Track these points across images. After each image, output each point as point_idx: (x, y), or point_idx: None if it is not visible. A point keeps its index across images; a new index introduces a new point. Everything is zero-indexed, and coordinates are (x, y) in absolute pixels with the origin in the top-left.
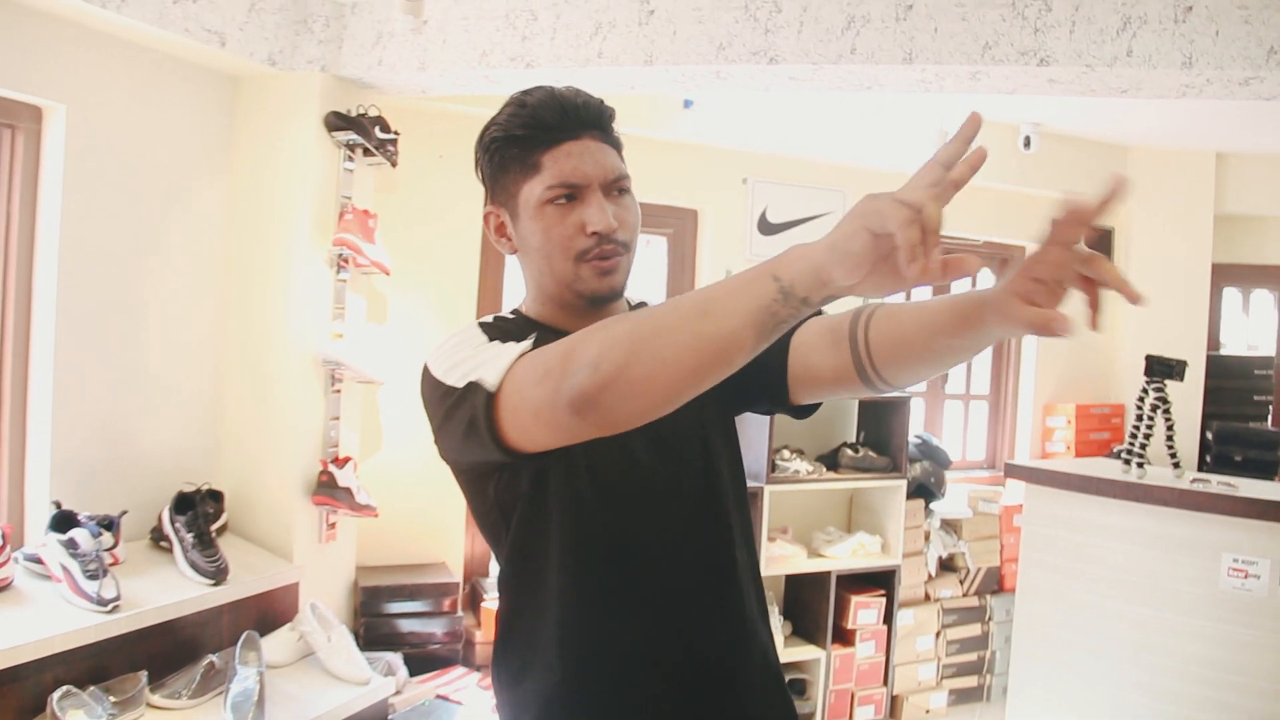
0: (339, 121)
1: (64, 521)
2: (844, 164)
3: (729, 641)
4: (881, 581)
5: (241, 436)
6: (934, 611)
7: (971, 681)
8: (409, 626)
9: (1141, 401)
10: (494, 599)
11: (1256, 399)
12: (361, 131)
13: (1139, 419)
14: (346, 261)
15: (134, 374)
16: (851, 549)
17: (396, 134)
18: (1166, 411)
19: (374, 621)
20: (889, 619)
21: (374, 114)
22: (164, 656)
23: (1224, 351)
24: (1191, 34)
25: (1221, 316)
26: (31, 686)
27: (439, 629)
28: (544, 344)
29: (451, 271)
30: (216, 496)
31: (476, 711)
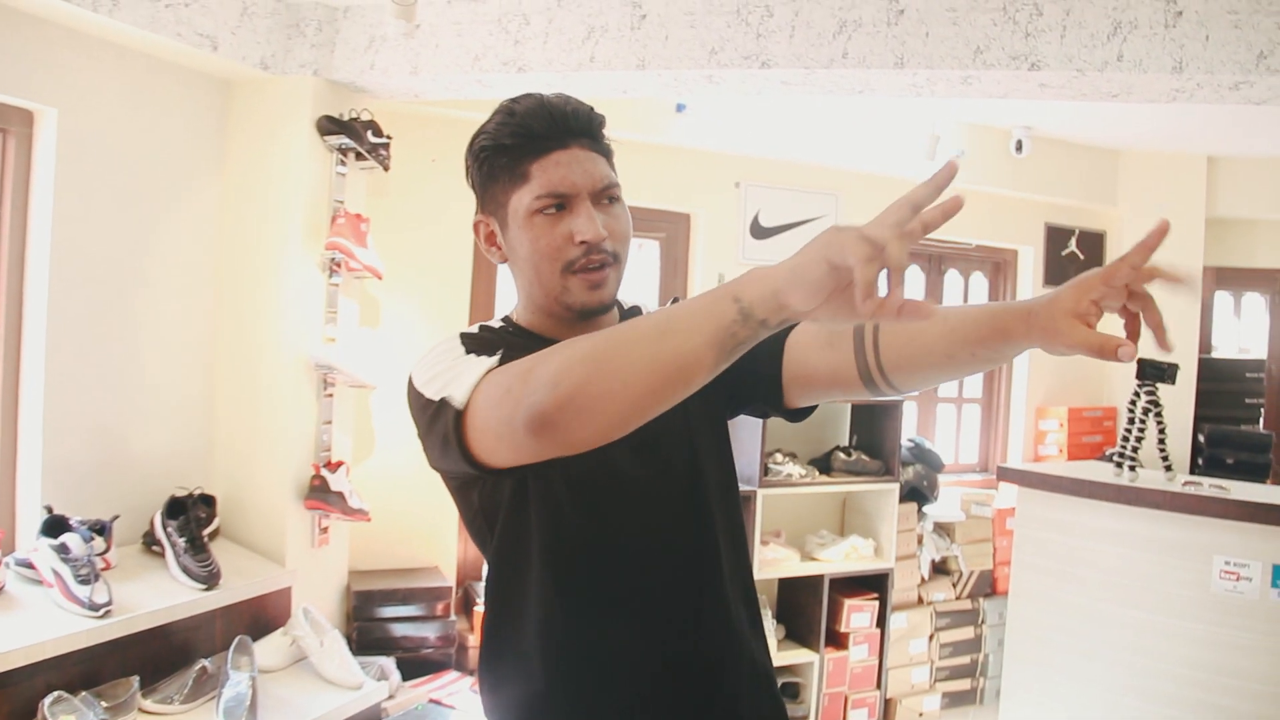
0: (331, 126)
1: (55, 526)
2: (836, 168)
3: (714, 646)
4: (874, 585)
5: (234, 441)
6: (927, 615)
7: (964, 685)
8: (402, 631)
9: (1133, 405)
10: None
11: (1248, 402)
12: (354, 136)
13: (1131, 422)
14: (339, 266)
15: (126, 378)
16: (844, 552)
17: (389, 138)
18: (1158, 414)
19: (367, 626)
20: (882, 622)
21: (366, 118)
22: (156, 661)
23: (1215, 354)
24: (1181, 39)
25: (1213, 320)
26: (23, 692)
27: (432, 633)
28: (516, 358)
29: (444, 276)
30: (209, 501)
31: (469, 716)
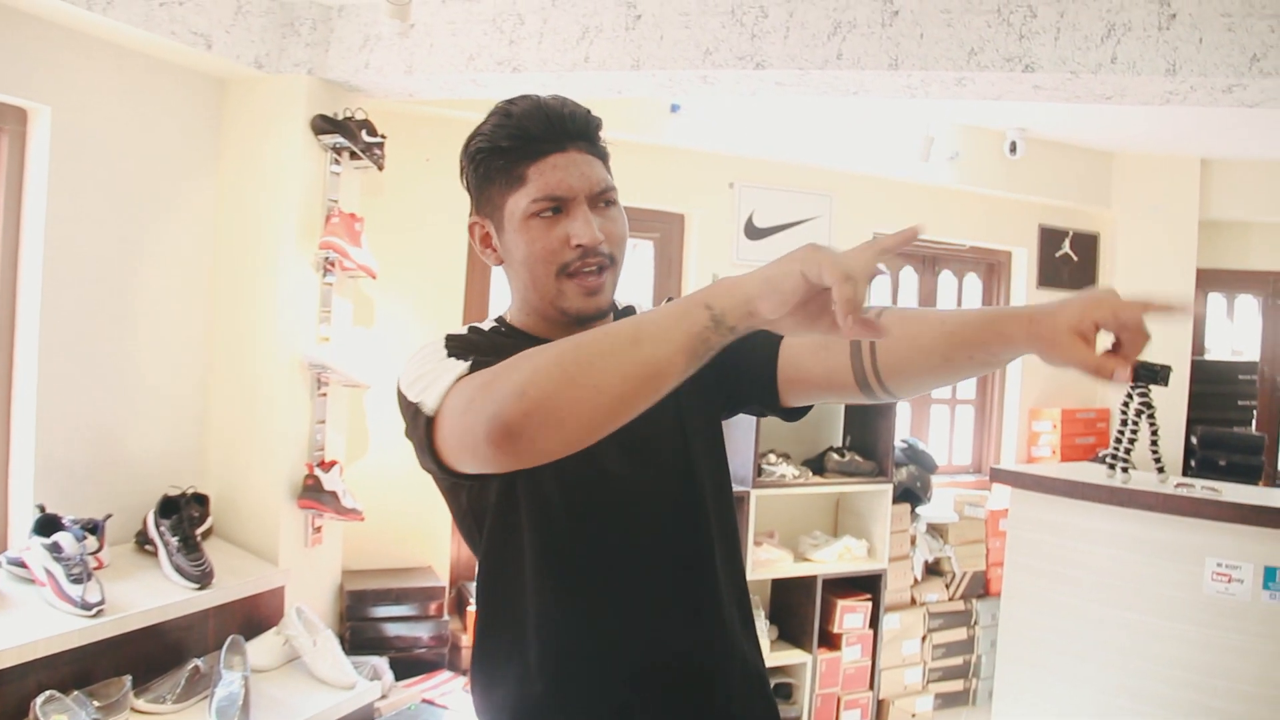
0: (325, 125)
1: (48, 525)
2: (830, 168)
3: (706, 647)
4: (867, 585)
5: (227, 440)
6: (920, 615)
7: (957, 685)
8: (395, 630)
9: (1126, 406)
10: None
11: (1240, 404)
12: (348, 135)
13: (1124, 424)
14: (333, 265)
15: (119, 377)
16: (838, 553)
17: (383, 137)
18: (1151, 416)
19: (360, 625)
20: (875, 623)
21: (361, 117)
22: (148, 661)
23: (1208, 356)
24: (1175, 41)
25: (1206, 322)
26: (14, 691)
27: (425, 633)
28: (496, 361)
29: (438, 275)
30: (202, 500)
31: (462, 716)
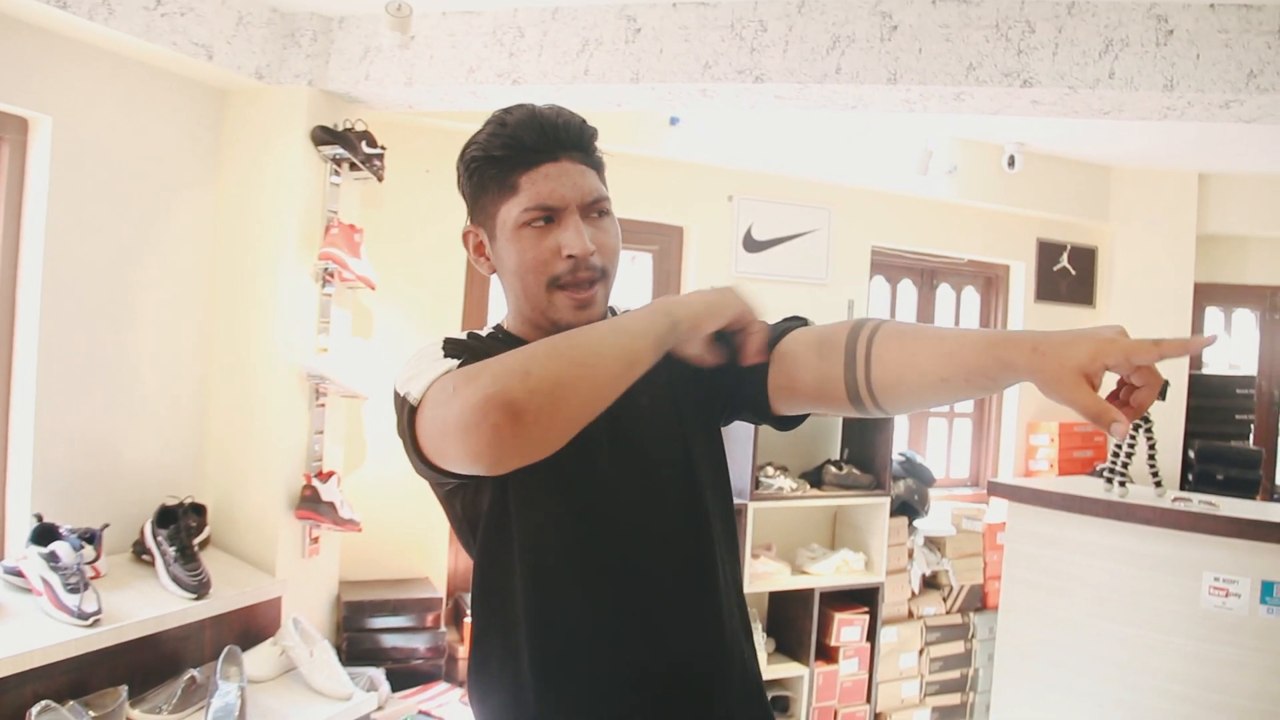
0: (325, 136)
1: (45, 534)
2: (829, 182)
3: (709, 655)
4: (865, 599)
5: (225, 450)
6: (917, 629)
7: (954, 699)
8: (392, 642)
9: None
10: None
11: (1238, 418)
12: (348, 146)
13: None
14: (332, 276)
15: (117, 386)
16: (835, 566)
17: (383, 149)
18: (1149, 430)
19: (357, 636)
20: (872, 636)
21: (361, 128)
22: (145, 671)
23: (1206, 370)
24: (1173, 57)
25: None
26: (10, 700)
27: (422, 644)
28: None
29: (437, 286)
30: (199, 510)
31: None
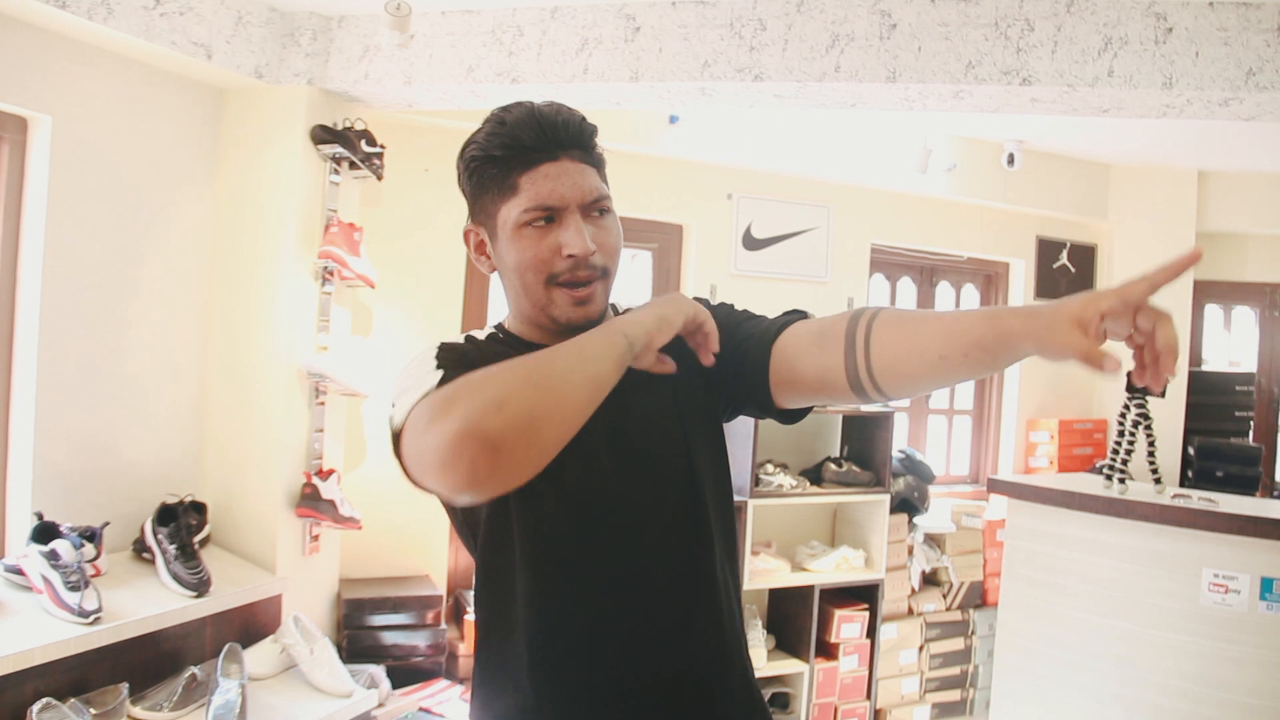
0: (325, 135)
1: (45, 532)
2: (828, 180)
3: (709, 657)
4: (865, 595)
5: (225, 448)
6: (917, 625)
7: (954, 695)
8: (392, 639)
9: (1123, 417)
10: None
11: (1238, 415)
12: (347, 145)
13: (1121, 434)
14: (331, 274)
15: (117, 385)
16: (835, 563)
17: (383, 147)
18: (1148, 427)
19: (357, 634)
20: (872, 633)
21: (360, 127)
22: (145, 668)
23: (1205, 367)
24: (1172, 55)
25: (1203, 333)
26: (11, 698)
27: (422, 642)
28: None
29: (436, 285)
30: (199, 508)
31: None
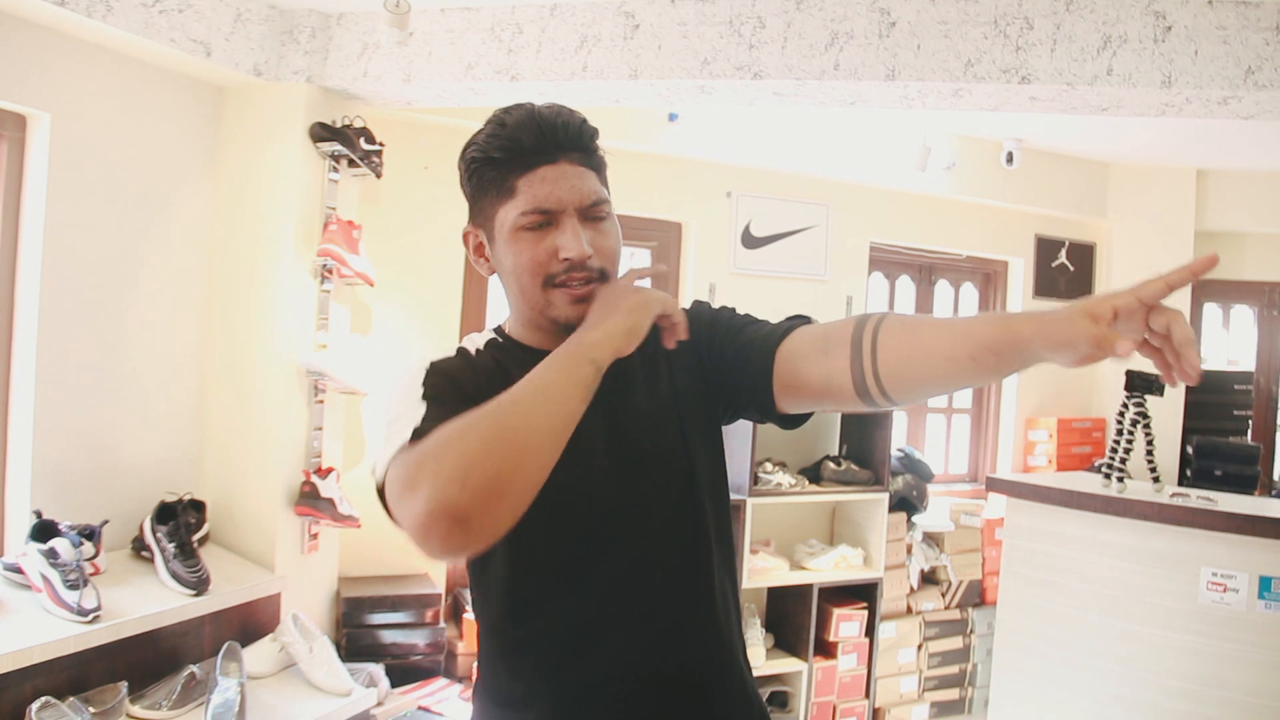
0: (324, 132)
1: (44, 531)
2: (827, 178)
3: (707, 656)
4: (863, 594)
5: (224, 446)
6: (916, 624)
7: (953, 694)
8: (391, 638)
9: (1122, 416)
10: None
11: (1236, 414)
12: (346, 143)
13: (1120, 433)
14: (330, 272)
15: (116, 383)
16: (833, 561)
17: (382, 145)
18: (1147, 426)
19: (356, 632)
20: (871, 631)
21: (359, 125)
22: (144, 667)
23: (1204, 366)
24: (1171, 54)
25: (1202, 332)
26: (10, 697)
27: (421, 640)
28: (480, 389)
29: (435, 283)
30: (198, 506)
31: None
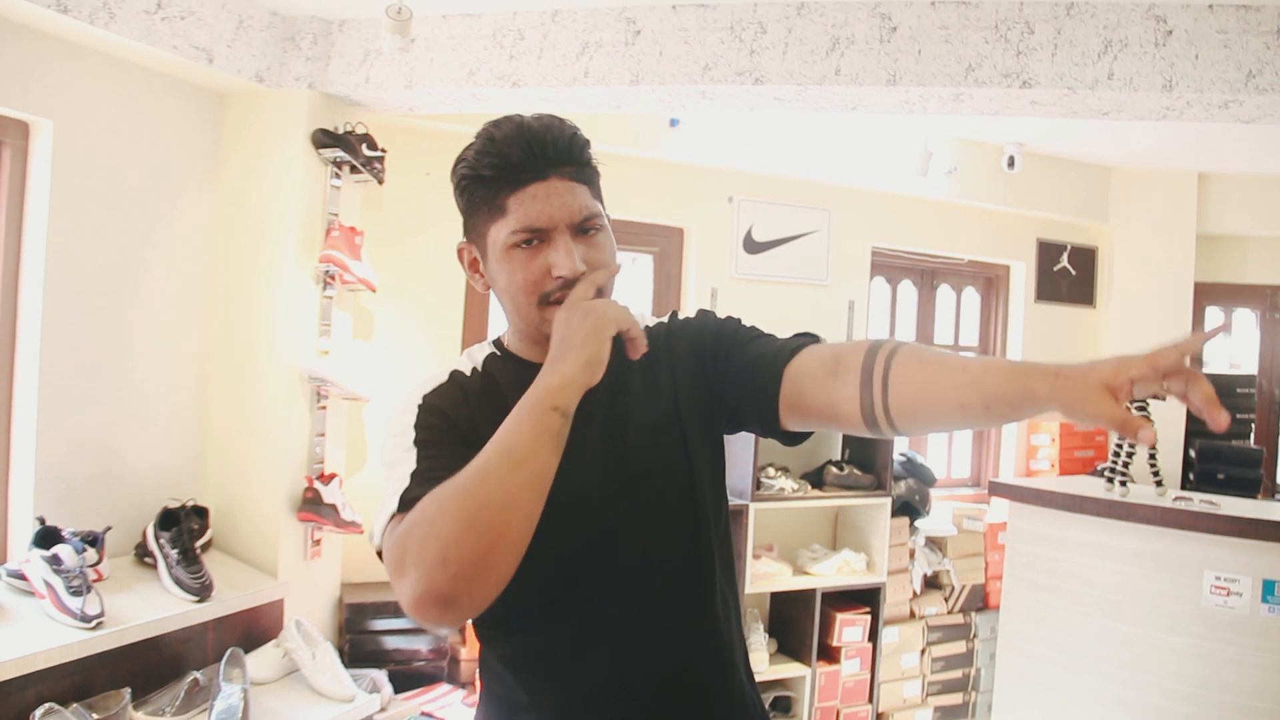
0: (326, 139)
1: (48, 537)
2: (829, 183)
3: (708, 658)
4: (866, 599)
5: (227, 453)
6: (919, 629)
7: (956, 699)
8: (394, 643)
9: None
10: None
11: (1239, 417)
12: (348, 149)
13: (1122, 437)
14: (333, 278)
15: (119, 390)
16: (836, 566)
17: (384, 151)
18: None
19: (359, 638)
20: (874, 636)
21: (361, 131)
22: (148, 673)
23: (1206, 370)
24: (1172, 58)
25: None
26: (14, 704)
27: (424, 646)
28: (475, 411)
29: (438, 289)
30: (201, 513)
31: None
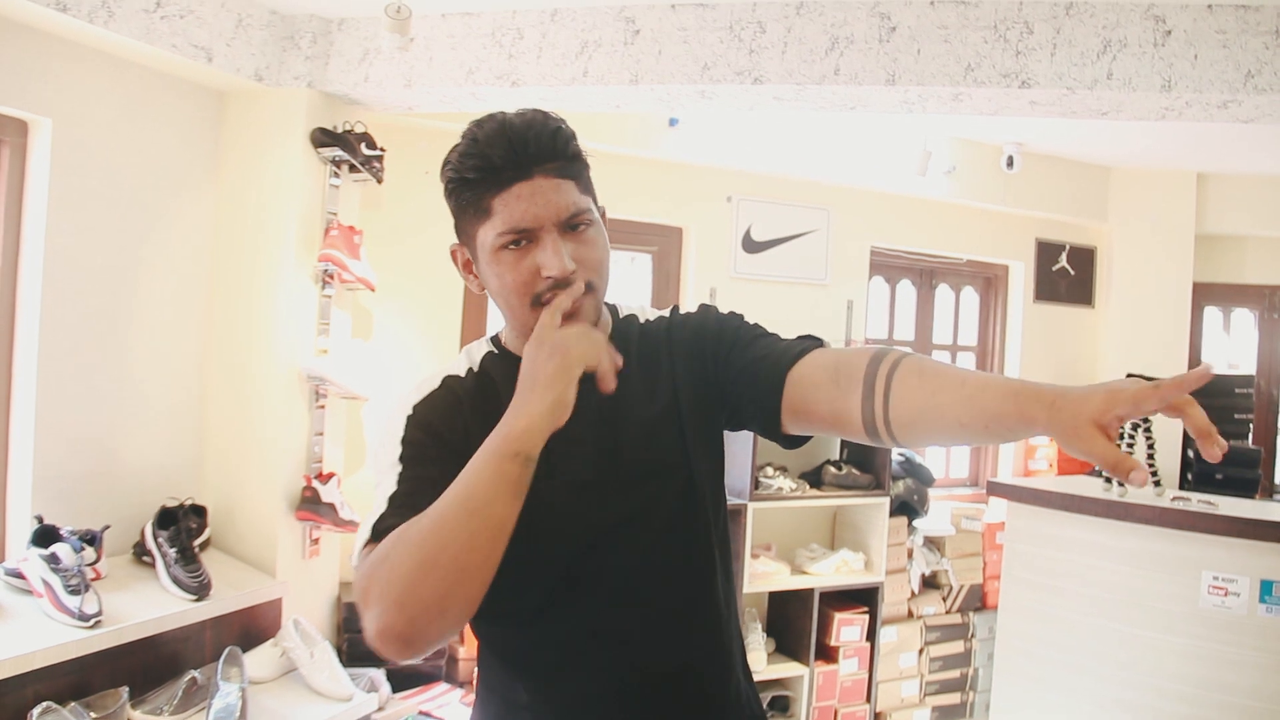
0: (325, 137)
1: (46, 536)
2: (828, 182)
3: (707, 658)
4: (865, 598)
5: (225, 451)
6: (917, 628)
7: (954, 698)
8: None
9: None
10: None
11: (1237, 417)
12: (347, 148)
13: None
14: (331, 277)
15: (118, 388)
16: (835, 566)
17: (382, 150)
18: (1148, 430)
19: (357, 638)
20: (872, 636)
21: (360, 130)
22: (146, 672)
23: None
24: (1171, 58)
25: (1202, 335)
26: (12, 702)
27: None
28: (469, 413)
29: (436, 288)
30: (199, 511)
31: None
